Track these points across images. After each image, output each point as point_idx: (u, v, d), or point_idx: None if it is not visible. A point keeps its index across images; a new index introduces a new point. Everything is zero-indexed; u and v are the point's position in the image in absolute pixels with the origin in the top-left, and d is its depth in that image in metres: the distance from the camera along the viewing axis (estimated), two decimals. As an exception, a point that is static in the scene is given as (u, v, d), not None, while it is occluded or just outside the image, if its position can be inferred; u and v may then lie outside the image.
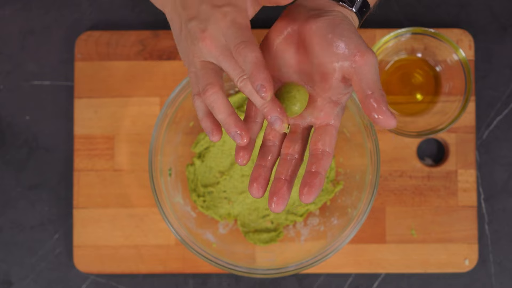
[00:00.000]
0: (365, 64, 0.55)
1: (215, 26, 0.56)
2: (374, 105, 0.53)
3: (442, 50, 0.84)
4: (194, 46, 0.57)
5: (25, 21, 0.89)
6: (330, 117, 0.58)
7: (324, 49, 0.56)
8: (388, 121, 0.53)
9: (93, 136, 0.86)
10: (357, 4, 0.60)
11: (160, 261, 0.86)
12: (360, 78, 0.54)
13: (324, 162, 0.57)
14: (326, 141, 0.57)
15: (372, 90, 0.54)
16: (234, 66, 0.56)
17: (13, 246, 0.87)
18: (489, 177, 0.87)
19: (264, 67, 0.53)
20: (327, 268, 0.85)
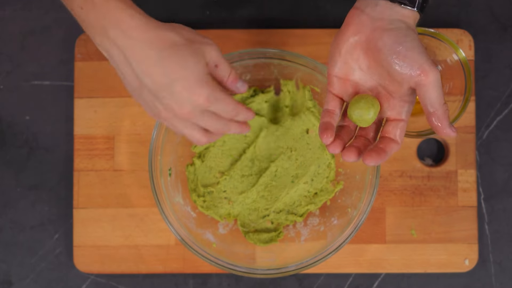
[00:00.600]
0: (428, 84, 0.59)
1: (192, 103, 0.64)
2: (437, 124, 0.60)
3: (442, 50, 0.84)
4: (174, 111, 0.64)
5: (25, 21, 0.89)
6: (401, 114, 0.63)
7: (391, 65, 0.60)
8: (449, 134, 0.61)
9: (93, 136, 0.86)
10: (418, 3, 0.62)
11: (160, 261, 0.86)
12: (424, 95, 0.60)
13: (392, 145, 0.62)
14: (397, 133, 0.62)
15: (435, 108, 0.60)
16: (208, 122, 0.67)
17: (13, 246, 0.87)
18: (489, 177, 0.87)
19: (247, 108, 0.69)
20: (327, 268, 0.85)
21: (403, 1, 0.61)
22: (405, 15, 0.62)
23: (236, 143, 0.85)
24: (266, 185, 0.85)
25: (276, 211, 0.85)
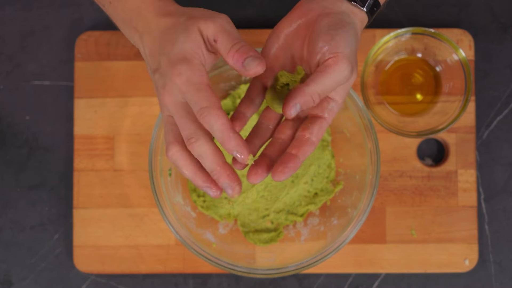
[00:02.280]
0: (331, 71, 0.55)
1: (172, 84, 0.55)
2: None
3: (442, 50, 0.84)
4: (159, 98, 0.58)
5: (25, 21, 0.89)
6: (323, 110, 0.59)
7: (316, 42, 0.57)
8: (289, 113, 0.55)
9: (93, 136, 0.86)
10: (368, 4, 0.60)
11: (160, 261, 0.86)
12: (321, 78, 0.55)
13: (306, 148, 0.57)
14: (314, 131, 0.58)
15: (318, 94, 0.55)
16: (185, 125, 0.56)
17: (13, 246, 0.87)
18: (489, 177, 0.87)
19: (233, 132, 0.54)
20: (327, 268, 0.85)
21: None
22: (355, 13, 0.60)
23: (236, 143, 0.85)
24: (266, 185, 0.85)
25: (276, 211, 0.85)
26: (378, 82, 0.86)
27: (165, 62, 0.56)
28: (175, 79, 0.55)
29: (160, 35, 0.58)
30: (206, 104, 0.54)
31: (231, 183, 0.56)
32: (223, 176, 0.56)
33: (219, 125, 0.53)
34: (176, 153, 0.57)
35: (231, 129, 0.54)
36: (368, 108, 0.82)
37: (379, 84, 0.86)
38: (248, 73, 0.55)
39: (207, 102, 0.54)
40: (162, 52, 0.57)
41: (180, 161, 0.57)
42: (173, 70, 0.55)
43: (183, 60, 0.55)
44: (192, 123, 0.56)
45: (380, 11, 0.63)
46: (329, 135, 0.85)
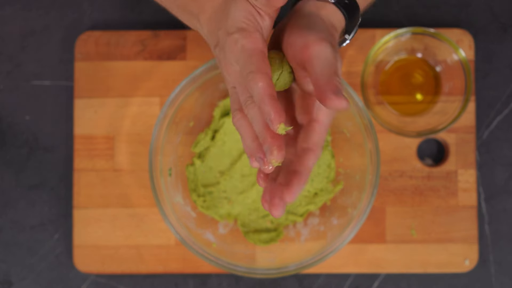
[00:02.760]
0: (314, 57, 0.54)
1: (230, 54, 0.56)
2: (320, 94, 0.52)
3: (442, 50, 0.84)
4: (222, 71, 0.59)
5: (25, 21, 0.89)
6: (311, 111, 0.57)
7: (285, 46, 0.56)
8: (338, 103, 0.51)
9: (93, 136, 0.86)
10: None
11: (160, 261, 0.86)
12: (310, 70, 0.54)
13: (305, 159, 0.55)
14: (309, 138, 0.56)
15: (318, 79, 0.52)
16: (242, 91, 0.56)
17: (13, 246, 0.87)
18: (489, 177, 0.87)
19: (270, 97, 0.52)
20: (327, 268, 0.85)
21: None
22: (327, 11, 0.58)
23: (236, 143, 0.85)
24: (266, 185, 0.85)
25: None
26: (378, 82, 0.86)
27: (223, 35, 0.56)
28: (232, 48, 0.55)
29: (215, 12, 0.59)
30: (253, 68, 0.53)
31: (270, 146, 0.54)
32: (267, 139, 0.54)
33: (258, 88, 0.52)
34: (240, 119, 0.57)
35: (268, 94, 0.52)
36: (368, 108, 0.82)
37: (379, 84, 0.86)
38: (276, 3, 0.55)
39: (255, 66, 0.53)
40: (218, 27, 0.57)
41: (242, 127, 0.57)
42: (230, 40, 0.55)
43: (237, 29, 0.55)
44: (247, 90, 0.55)
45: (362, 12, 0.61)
46: (329, 135, 0.85)
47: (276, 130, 0.52)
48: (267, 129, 0.54)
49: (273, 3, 0.55)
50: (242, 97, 0.56)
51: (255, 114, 0.55)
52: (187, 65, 0.86)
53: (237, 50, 0.55)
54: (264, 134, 0.54)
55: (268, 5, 0.55)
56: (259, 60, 0.54)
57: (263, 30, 0.56)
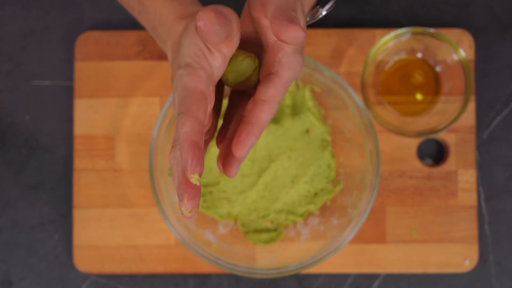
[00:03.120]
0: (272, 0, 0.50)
1: (175, 90, 0.52)
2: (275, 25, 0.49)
3: (442, 50, 0.84)
4: None
5: (25, 21, 0.89)
6: (271, 65, 0.53)
7: (249, 3, 0.54)
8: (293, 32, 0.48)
9: (93, 136, 0.86)
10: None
11: (160, 261, 0.86)
12: (267, 9, 0.51)
13: (258, 110, 0.51)
14: (265, 90, 0.52)
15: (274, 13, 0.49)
16: (175, 130, 0.52)
17: (13, 246, 0.87)
18: (489, 177, 0.87)
19: (191, 144, 0.48)
20: (327, 268, 0.85)
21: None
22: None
23: (236, 143, 0.85)
24: (266, 185, 0.85)
25: (276, 211, 0.85)
26: (378, 82, 0.86)
27: (174, 67, 0.54)
28: (177, 83, 0.52)
29: (177, 40, 0.56)
30: (184, 109, 0.50)
31: (182, 194, 0.50)
32: (181, 185, 0.50)
33: (183, 131, 0.49)
34: (172, 158, 0.53)
35: (190, 140, 0.49)
36: (368, 108, 0.82)
37: (379, 84, 0.86)
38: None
39: (186, 108, 0.50)
40: (174, 57, 0.55)
41: (172, 166, 0.53)
42: (177, 74, 0.52)
43: (185, 64, 0.52)
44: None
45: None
46: (329, 135, 0.85)
47: (190, 179, 0.49)
48: (183, 175, 0.50)
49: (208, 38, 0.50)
50: (174, 136, 0.52)
51: (178, 157, 0.51)
52: (187, 65, 0.86)
53: (180, 86, 0.51)
54: (179, 179, 0.51)
55: (212, 42, 0.51)
56: (193, 101, 0.50)
57: (212, 68, 0.52)
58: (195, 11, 0.57)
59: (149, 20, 0.60)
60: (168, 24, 0.57)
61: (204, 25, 0.49)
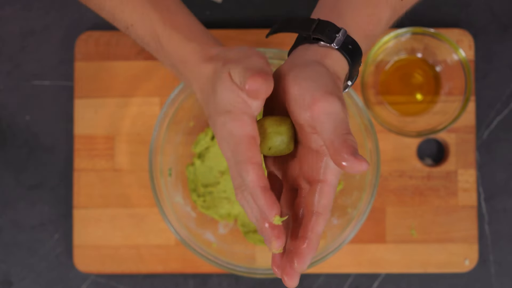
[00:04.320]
0: (320, 113, 0.50)
1: (220, 135, 0.53)
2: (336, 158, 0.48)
3: (442, 50, 0.84)
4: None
5: (25, 21, 0.89)
6: (317, 171, 0.53)
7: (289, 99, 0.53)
8: (358, 167, 0.47)
9: (93, 136, 0.86)
10: (338, 41, 0.54)
11: (160, 261, 0.86)
12: (319, 129, 0.50)
13: (315, 224, 0.52)
14: (318, 201, 0.52)
15: (331, 139, 0.49)
16: (235, 175, 0.54)
17: (13, 246, 0.87)
18: (489, 177, 0.87)
19: (262, 189, 0.50)
20: (327, 268, 0.85)
21: (317, 36, 0.54)
22: (329, 57, 0.54)
23: (236, 143, 0.85)
24: (266, 185, 0.84)
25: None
26: (378, 82, 0.86)
27: (212, 112, 0.54)
28: (221, 129, 0.53)
29: (206, 83, 0.56)
30: (242, 158, 0.51)
31: (268, 237, 0.51)
32: (264, 228, 0.52)
33: (249, 180, 0.51)
34: (241, 199, 0.54)
35: (259, 186, 0.50)
36: (368, 108, 0.82)
37: (379, 84, 0.86)
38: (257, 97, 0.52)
39: (244, 156, 0.51)
40: (209, 101, 0.55)
41: (244, 207, 0.54)
42: (218, 121, 0.53)
43: (225, 111, 0.52)
44: (240, 175, 0.53)
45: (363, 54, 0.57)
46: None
47: (272, 221, 0.50)
48: (263, 218, 0.52)
49: (257, 96, 0.51)
50: (235, 181, 0.54)
51: (250, 201, 0.53)
52: (187, 65, 0.86)
53: (226, 133, 0.52)
54: (261, 223, 0.52)
55: (252, 96, 0.52)
56: (248, 148, 0.51)
57: (253, 110, 0.52)
58: (220, 53, 0.57)
59: (169, 59, 0.61)
60: (191, 64, 0.58)
61: (253, 90, 0.50)
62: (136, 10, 0.62)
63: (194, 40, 0.59)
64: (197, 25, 0.62)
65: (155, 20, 0.61)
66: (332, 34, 0.54)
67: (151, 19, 0.61)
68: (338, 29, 0.55)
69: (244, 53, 0.54)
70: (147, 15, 0.61)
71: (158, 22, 0.61)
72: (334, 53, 0.55)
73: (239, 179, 0.53)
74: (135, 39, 0.64)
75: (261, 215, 0.52)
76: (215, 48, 0.59)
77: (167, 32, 0.60)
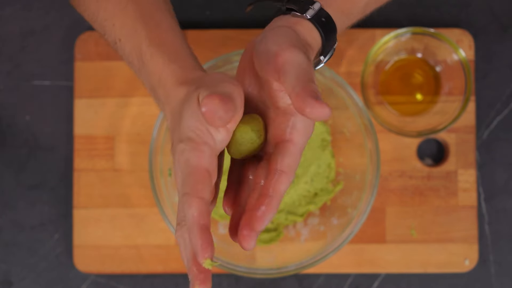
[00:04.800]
0: (286, 63, 0.48)
1: (177, 163, 0.50)
2: (300, 103, 0.46)
3: (442, 50, 0.84)
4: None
5: (25, 21, 0.89)
6: (284, 131, 0.51)
7: (257, 61, 0.51)
8: (320, 111, 0.45)
9: (93, 136, 0.86)
10: (311, 12, 0.53)
11: (160, 261, 0.86)
12: (283, 78, 0.48)
13: (277, 182, 0.50)
14: (282, 160, 0.50)
15: (293, 86, 0.47)
16: (179, 208, 0.50)
17: (13, 246, 0.87)
18: (489, 177, 0.87)
19: (200, 228, 0.47)
20: (327, 268, 0.85)
21: (290, 6, 0.53)
22: (300, 27, 0.53)
23: (236, 143, 0.85)
24: (266, 185, 0.84)
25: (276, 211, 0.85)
26: (378, 82, 0.86)
27: (176, 139, 0.51)
28: (178, 157, 0.50)
29: (176, 107, 0.53)
30: (188, 190, 0.48)
31: (194, 279, 0.48)
32: (192, 269, 0.49)
33: (190, 214, 0.47)
34: (179, 236, 0.51)
35: (198, 224, 0.47)
36: (368, 108, 0.82)
37: (379, 84, 0.86)
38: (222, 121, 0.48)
39: (191, 188, 0.48)
40: (175, 127, 0.52)
41: (180, 244, 0.51)
42: (178, 148, 0.50)
43: (186, 138, 0.49)
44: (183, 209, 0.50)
45: (342, 31, 0.57)
46: (329, 135, 0.85)
47: (202, 264, 0.47)
48: (193, 259, 0.49)
49: (213, 121, 0.48)
50: (178, 216, 0.51)
51: (186, 239, 0.50)
52: (187, 65, 0.86)
53: (182, 161, 0.49)
54: (190, 263, 0.49)
55: (209, 122, 0.49)
56: (197, 181, 0.48)
57: (216, 143, 0.50)
58: (197, 77, 0.54)
59: (148, 79, 0.58)
60: (168, 87, 0.55)
61: (209, 112, 0.47)
62: (126, 24, 0.59)
63: (176, 62, 0.56)
64: (183, 46, 0.59)
65: (142, 37, 0.58)
66: (305, 5, 0.54)
67: (139, 35, 0.58)
68: (312, 1, 0.54)
69: (220, 78, 0.51)
70: (136, 30, 0.59)
71: (145, 39, 0.58)
72: (305, 22, 0.54)
73: (182, 213, 0.50)
74: (122, 56, 0.61)
75: (192, 257, 0.49)
76: (195, 72, 0.56)
77: (150, 50, 0.57)
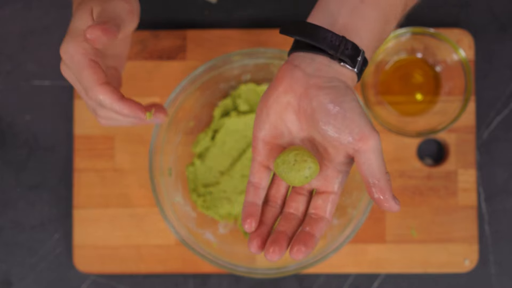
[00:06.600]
0: (368, 150, 0.52)
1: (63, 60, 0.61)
2: (378, 197, 0.53)
3: (442, 50, 0.84)
4: None
5: (25, 21, 0.89)
6: (333, 185, 0.56)
7: (327, 128, 0.53)
8: (391, 208, 0.53)
9: (93, 136, 0.86)
10: (359, 64, 0.55)
11: (160, 261, 0.86)
12: (363, 165, 0.53)
13: (321, 226, 0.55)
14: (327, 208, 0.56)
15: (377, 178, 0.53)
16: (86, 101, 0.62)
17: (13, 246, 0.87)
18: (489, 177, 0.87)
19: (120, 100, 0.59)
20: (327, 268, 0.85)
21: (343, 59, 0.54)
22: (344, 74, 0.54)
23: (236, 143, 0.85)
24: (266, 185, 0.84)
25: None
26: (378, 82, 0.86)
27: (68, 30, 0.60)
28: (62, 55, 0.60)
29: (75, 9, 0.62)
30: (88, 84, 0.58)
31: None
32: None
33: (105, 102, 0.58)
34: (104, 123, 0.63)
35: (117, 99, 0.58)
36: (368, 108, 0.82)
37: (379, 84, 0.86)
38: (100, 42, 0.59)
39: (88, 81, 0.58)
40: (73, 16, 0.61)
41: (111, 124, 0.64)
42: (65, 40, 0.60)
43: (70, 35, 0.59)
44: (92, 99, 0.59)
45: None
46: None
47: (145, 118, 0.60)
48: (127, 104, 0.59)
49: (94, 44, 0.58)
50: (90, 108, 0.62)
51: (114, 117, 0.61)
52: (187, 65, 0.86)
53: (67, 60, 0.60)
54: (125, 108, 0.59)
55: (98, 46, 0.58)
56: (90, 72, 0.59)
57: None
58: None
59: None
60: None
61: (92, 39, 0.57)
62: None
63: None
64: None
65: None
66: (354, 57, 0.54)
67: None
68: (358, 51, 0.54)
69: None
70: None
71: None
72: (351, 73, 0.55)
73: (94, 104, 0.59)
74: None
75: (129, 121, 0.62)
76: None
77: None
